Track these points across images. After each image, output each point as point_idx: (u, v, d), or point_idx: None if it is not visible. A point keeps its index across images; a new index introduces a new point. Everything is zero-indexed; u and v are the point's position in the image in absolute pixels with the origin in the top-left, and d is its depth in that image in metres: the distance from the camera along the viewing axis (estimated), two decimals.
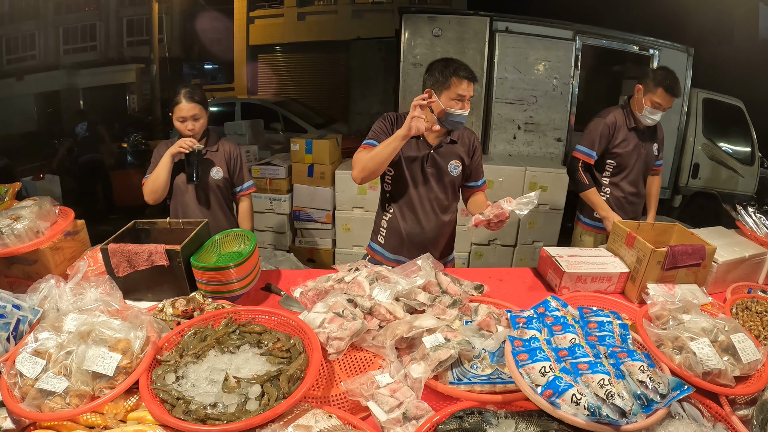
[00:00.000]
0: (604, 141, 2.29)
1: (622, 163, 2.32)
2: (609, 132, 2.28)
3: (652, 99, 2.15)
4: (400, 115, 1.82)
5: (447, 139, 1.81)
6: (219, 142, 2.13)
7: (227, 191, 2.17)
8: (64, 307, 1.21)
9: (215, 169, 2.09)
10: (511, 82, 4.05)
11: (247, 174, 2.21)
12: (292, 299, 1.49)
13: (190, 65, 10.32)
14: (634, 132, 2.29)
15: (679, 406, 1.02)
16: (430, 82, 1.72)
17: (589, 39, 4.17)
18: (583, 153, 2.32)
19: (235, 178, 2.17)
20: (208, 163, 2.08)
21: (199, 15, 8.95)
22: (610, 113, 2.31)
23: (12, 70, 5.49)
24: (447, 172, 1.83)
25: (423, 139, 1.80)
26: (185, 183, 2.04)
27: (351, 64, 7.19)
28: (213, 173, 2.08)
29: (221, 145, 2.12)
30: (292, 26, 10.55)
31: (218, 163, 2.10)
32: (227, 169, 2.13)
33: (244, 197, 2.21)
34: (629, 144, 2.29)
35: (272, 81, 10.89)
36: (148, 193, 2.01)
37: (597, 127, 2.29)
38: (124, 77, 6.97)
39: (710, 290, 1.62)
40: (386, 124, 1.81)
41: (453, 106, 1.68)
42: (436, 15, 3.96)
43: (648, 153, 2.34)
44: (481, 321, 1.27)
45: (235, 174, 2.16)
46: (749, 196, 4.77)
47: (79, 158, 5.24)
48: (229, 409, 0.93)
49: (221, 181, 2.10)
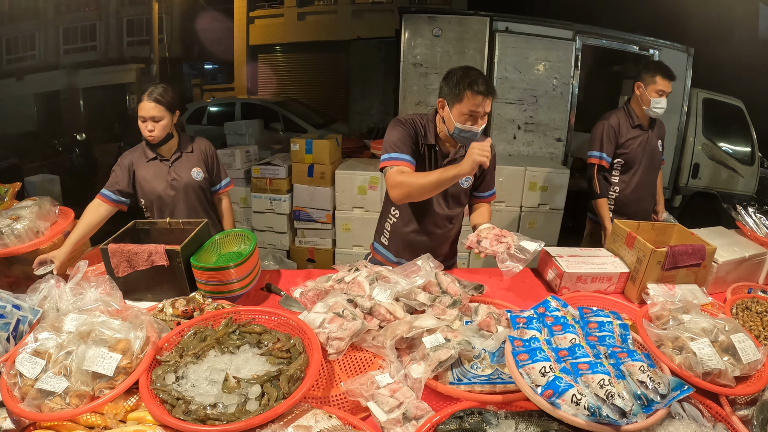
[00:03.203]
0: (611, 141, 2.36)
1: (630, 160, 2.38)
2: (614, 132, 2.35)
3: (655, 89, 2.24)
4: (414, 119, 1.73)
5: (461, 152, 1.69)
6: (193, 142, 2.07)
7: (208, 191, 2.13)
8: (64, 307, 1.21)
9: (195, 170, 2.02)
10: (511, 82, 4.04)
11: (223, 171, 2.18)
12: (292, 299, 1.49)
13: (190, 65, 10.30)
14: (638, 129, 2.36)
15: (680, 406, 1.02)
16: (444, 91, 1.61)
17: (589, 39, 4.16)
18: (597, 157, 2.40)
19: (214, 176, 2.13)
20: (186, 164, 2.02)
21: (199, 15, 8.94)
22: (612, 114, 2.39)
23: (12, 70, 5.49)
24: (457, 183, 1.74)
25: (439, 149, 1.72)
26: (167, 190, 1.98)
27: (351, 64, 7.19)
28: (194, 174, 2.02)
29: (195, 145, 2.07)
30: (292, 26, 10.55)
31: (196, 163, 2.04)
32: (206, 168, 2.08)
33: (223, 195, 2.19)
34: (635, 141, 2.36)
35: (272, 81, 10.88)
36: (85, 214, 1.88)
37: (602, 130, 2.37)
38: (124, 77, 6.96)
39: (710, 290, 1.62)
40: (407, 130, 1.67)
41: (463, 121, 1.56)
42: (436, 15, 3.96)
43: (654, 149, 2.40)
44: (481, 321, 1.27)
45: (213, 172, 2.12)
46: (749, 196, 4.77)
47: (79, 158, 5.25)
48: (229, 409, 0.93)
49: (203, 182, 2.06)
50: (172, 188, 1.99)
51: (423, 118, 1.74)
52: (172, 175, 1.99)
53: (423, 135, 1.70)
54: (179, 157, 2.01)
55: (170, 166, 1.99)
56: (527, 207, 3.62)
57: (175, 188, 1.99)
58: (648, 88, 2.27)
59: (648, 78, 2.26)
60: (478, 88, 1.52)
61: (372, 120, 6.63)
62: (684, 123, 4.60)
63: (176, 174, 1.99)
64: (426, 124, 1.72)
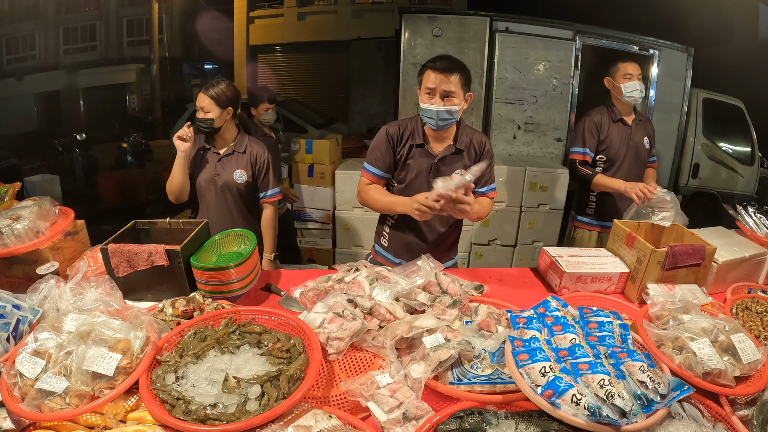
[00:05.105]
0: (593, 136, 2.38)
1: (612, 156, 2.39)
2: (595, 127, 2.38)
3: (622, 74, 2.30)
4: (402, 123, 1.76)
5: (453, 149, 1.73)
6: (247, 143, 2.05)
7: (249, 196, 2.08)
8: (64, 307, 1.21)
9: (238, 172, 2.01)
10: (511, 82, 4.04)
11: (273, 180, 2.10)
12: (292, 299, 1.49)
13: (190, 65, 10.29)
14: (620, 124, 2.38)
15: (680, 406, 1.02)
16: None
17: (589, 39, 4.17)
18: (579, 153, 2.41)
19: (260, 183, 2.08)
20: (233, 164, 2.02)
21: (199, 15, 8.94)
22: (593, 111, 2.44)
23: (12, 70, 5.48)
24: None
25: (428, 149, 1.73)
26: (206, 182, 2.01)
27: (351, 64, 7.20)
28: (236, 176, 2.01)
29: (249, 147, 2.05)
30: (292, 26, 10.55)
31: (242, 165, 2.02)
32: (251, 173, 2.04)
33: (267, 204, 2.11)
34: (617, 136, 2.37)
35: (272, 81, 10.88)
36: (169, 193, 1.99)
37: (584, 126, 2.40)
38: (124, 77, 6.96)
39: (710, 290, 1.62)
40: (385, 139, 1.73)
41: (425, 100, 1.62)
42: (436, 15, 3.96)
43: (638, 146, 2.39)
44: (481, 321, 1.27)
45: (260, 179, 2.07)
46: (749, 196, 4.77)
47: (79, 158, 5.25)
48: (229, 409, 0.93)
49: (243, 185, 2.03)
50: (213, 183, 2.01)
51: (413, 120, 1.77)
52: (218, 170, 2.02)
53: (410, 136, 1.74)
54: (230, 154, 2.03)
55: (218, 161, 2.02)
56: (527, 207, 3.62)
57: (215, 183, 2.01)
58: (615, 77, 2.32)
59: (612, 68, 2.33)
60: (434, 65, 1.59)
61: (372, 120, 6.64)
62: (684, 123, 4.60)
63: (221, 170, 2.02)
64: (416, 125, 1.75)
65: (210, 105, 1.92)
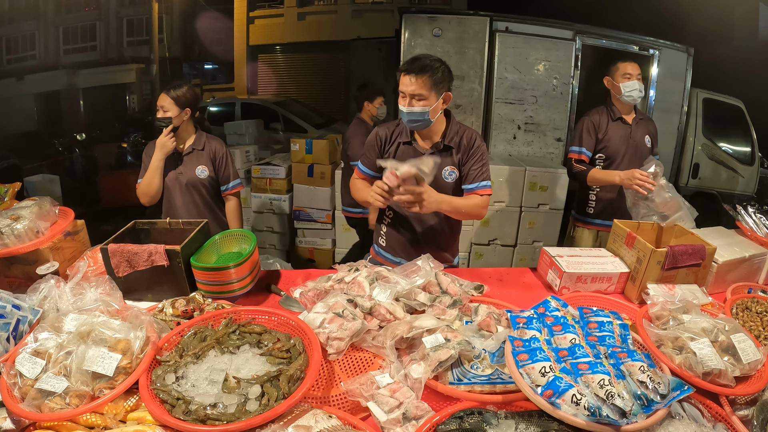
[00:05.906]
0: (591, 136, 2.38)
1: (611, 154, 2.39)
2: (594, 126, 2.39)
3: (621, 74, 2.31)
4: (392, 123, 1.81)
5: (441, 145, 1.73)
6: (205, 140, 2.15)
7: (214, 190, 2.19)
8: (64, 307, 1.21)
9: (200, 168, 2.11)
10: (511, 82, 4.04)
11: (234, 172, 2.22)
12: (292, 299, 1.49)
13: (190, 65, 10.30)
14: (619, 122, 2.39)
15: (680, 406, 1.02)
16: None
17: (589, 39, 4.16)
18: (576, 152, 2.42)
19: (221, 176, 2.18)
20: (194, 161, 2.11)
21: (199, 15, 8.94)
22: (593, 111, 2.45)
23: (12, 70, 5.48)
24: (441, 179, 1.74)
25: (416, 146, 1.75)
26: (172, 182, 2.09)
27: (351, 64, 7.20)
28: (198, 172, 2.11)
29: (207, 144, 2.15)
30: (292, 26, 10.55)
31: (203, 161, 2.12)
32: (213, 168, 2.15)
33: (230, 196, 2.23)
34: (616, 135, 2.37)
35: (272, 81, 10.89)
36: (142, 195, 2.08)
37: (582, 125, 2.41)
38: (124, 77, 6.96)
39: (710, 290, 1.62)
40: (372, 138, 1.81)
41: (399, 102, 1.65)
42: (436, 15, 3.96)
43: (638, 144, 2.39)
44: (481, 321, 1.27)
45: (220, 172, 2.17)
46: (749, 196, 4.77)
47: (79, 158, 5.25)
48: (229, 409, 0.93)
49: (206, 180, 2.13)
50: (177, 181, 2.10)
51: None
52: (180, 169, 2.10)
53: (399, 135, 1.78)
54: (190, 152, 2.12)
55: (180, 160, 2.11)
56: (527, 207, 3.62)
57: (179, 182, 2.10)
58: (615, 76, 2.33)
59: (612, 68, 2.34)
60: (405, 68, 1.60)
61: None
62: (684, 123, 4.60)
63: (183, 168, 2.11)
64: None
65: (170, 105, 2.02)
